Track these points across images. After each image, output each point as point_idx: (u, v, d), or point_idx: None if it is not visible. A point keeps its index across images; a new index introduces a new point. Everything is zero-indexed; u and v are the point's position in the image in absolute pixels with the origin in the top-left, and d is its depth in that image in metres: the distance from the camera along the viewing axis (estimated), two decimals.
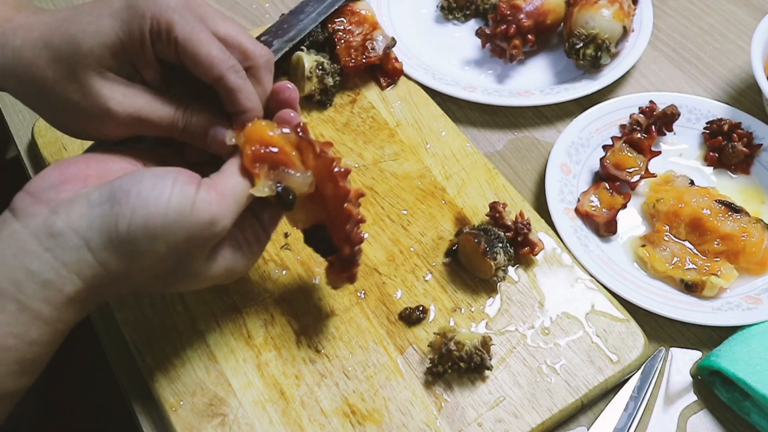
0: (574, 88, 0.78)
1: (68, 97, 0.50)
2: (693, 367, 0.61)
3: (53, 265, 0.44)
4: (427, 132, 0.73)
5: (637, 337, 0.59)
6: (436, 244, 0.65)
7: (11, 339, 0.43)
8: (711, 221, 0.65)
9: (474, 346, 0.55)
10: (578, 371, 0.57)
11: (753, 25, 0.80)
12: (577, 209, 0.68)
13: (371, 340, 0.59)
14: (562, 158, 0.71)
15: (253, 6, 0.89)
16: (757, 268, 0.65)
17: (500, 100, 0.77)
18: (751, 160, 0.73)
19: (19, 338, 0.44)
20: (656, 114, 0.74)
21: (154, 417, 0.57)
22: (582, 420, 0.58)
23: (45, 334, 0.45)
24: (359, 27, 0.77)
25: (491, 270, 0.60)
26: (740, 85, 0.82)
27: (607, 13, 0.77)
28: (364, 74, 0.77)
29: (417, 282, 0.62)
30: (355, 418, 0.55)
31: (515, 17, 0.78)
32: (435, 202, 0.68)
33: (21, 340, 0.44)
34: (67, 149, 0.70)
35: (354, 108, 0.75)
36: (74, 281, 0.45)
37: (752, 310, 0.62)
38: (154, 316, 0.59)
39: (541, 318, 0.60)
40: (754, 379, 0.55)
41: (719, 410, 0.59)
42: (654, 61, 0.84)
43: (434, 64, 0.82)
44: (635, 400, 0.58)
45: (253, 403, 0.55)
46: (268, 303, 0.61)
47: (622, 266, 0.65)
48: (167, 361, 0.57)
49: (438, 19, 0.88)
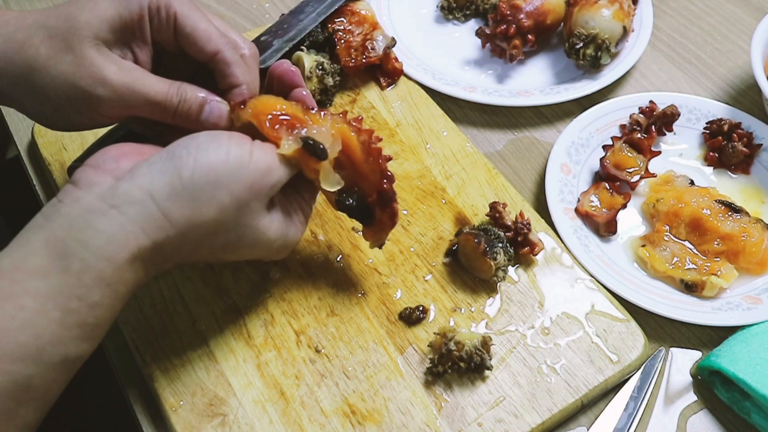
0: (574, 88, 0.78)
1: (62, 69, 0.50)
2: (693, 367, 0.61)
3: (119, 220, 0.45)
4: (427, 132, 0.73)
5: (637, 337, 0.59)
6: (436, 244, 0.65)
7: (74, 301, 0.44)
8: (711, 221, 0.65)
9: (474, 346, 0.55)
10: (578, 371, 0.57)
11: (753, 25, 0.80)
12: (577, 209, 0.68)
13: (371, 340, 0.59)
14: (562, 158, 0.71)
15: (253, 6, 0.89)
16: (757, 268, 0.65)
17: (500, 100, 0.77)
18: (751, 160, 0.73)
19: (82, 300, 0.44)
20: (656, 114, 0.74)
21: (154, 417, 0.57)
22: (582, 420, 0.58)
23: (106, 296, 0.45)
24: (359, 27, 0.77)
25: (491, 270, 0.60)
26: (740, 85, 0.82)
27: (607, 13, 0.77)
28: (364, 74, 0.77)
29: (417, 282, 0.62)
30: (355, 418, 0.55)
31: (515, 17, 0.78)
32: (435, 202, 0.68)
33: (83, 302, 0.44)
34: (67, 149, 0.70)
35: (354, 108, 0.75)
36: (138, 236, 0.45)
37: (752, 310, 0.62)
38: (154, 316, 0.59)
39: (541, 318, 0.60)
40: (754, 379, 0.55)
41: (719, 410, 0.59)
42: (654, 61, 0.84)
43: (434, 64, 0.82)
44: (635, 400, 0.58)
45: (253, 403, 0.55)
46: (268, 303, 0.61)
47: (622, 266, 0.65)
48: (167, 361, 0.57)
49: (438, 19, 0.88)
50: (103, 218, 0.45)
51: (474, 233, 0.61)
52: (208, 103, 0.53)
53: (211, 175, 0.47)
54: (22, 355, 0.42)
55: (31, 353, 0.42)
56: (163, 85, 0.52)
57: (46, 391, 0.44)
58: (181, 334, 0.58)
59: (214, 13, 0.87)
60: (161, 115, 0.53)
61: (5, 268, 0.44)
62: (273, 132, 0.51)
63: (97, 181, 0.47)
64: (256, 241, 0.52)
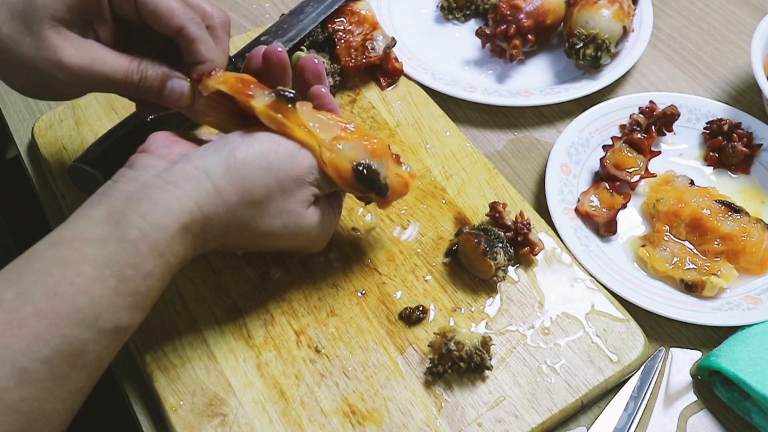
0: (574, 88, 0.78)
1: (23, 51, 0.52)
2: (693, 367, 0.61)
3: (175, 194, 0.48)
4: (427, 132, 0.73)
5: (637, 337, 0.59)
6: (436, 244, 0.65)
7: (129, 269, 0.45)
8: (711, 221, 0.65)
9: (474, 346, 0.55)
10: (578, 371, 0.57)
11: (753, 25, 0.80)
12: (577, 209, 0.68)
13: (371, 340, 0.59)
14: (562, 158, 0.71)
15: (253, 6, 0.89)
16: (757, 268, 0.65)
17: (500, 100, 0.77)
18: (751, 160, 0.73)
19: (136, 269, 0.46)
20: (656, 114, 0.74)
21: (154, 417, 0.57)
22: (582, 420, 0.58)
23: (158, 266, 0.47)
24: (359, 27, 0.77)
25: (491, 270, 0.60)
26: (740, 85, 0.82)
27: (607, 13, 0.77)
28: (364, 74, 0.77)
29: (417, 282, 0.62)
30: (355, 418, 0.55)
31: (515, 17, 0.78)
32: (435, 202, 0.68)
33: (138, 271, 0.46)
34: (67, 149, 0.70)
35: (354, 108, 0.75)
36: (192, 209, 0.48)
37: (752, 310, 0.62)
38: (154, 316, 0.59)
39: (541, 318, 0.60)
40: (754, 379, 0.55)
41: (719, 410, 0.59)
42: (654, 61, 0.84)
43: (434, 64, 0.82)
44: (635, 400, 0.58)
45: (253, 403, 0.55)
46: (268, 303, 0.61)
47: (622, 266, 0.65)
48: (167, 361, 0.57)
49: (438, 19, 0.88)
50: (160, 191, 0.48)
51: (474, 233, 0.61)
52: (170, 80, 0.55)
53: (263, 160, 0.51)
54: (78, 320, 0.43)
55: (87, 318, 0.44)
56: (122, 63, 0.53)
57: (98, 357, 0.45)
58: (181, 334, 0.58)
59: None
60: (125, 92, 0.55)
61: (65, 237, 0.46)
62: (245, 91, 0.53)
63: (152, 164, 0.50)
64: (298, 229, 0.54)
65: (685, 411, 0.59)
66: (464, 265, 0.63)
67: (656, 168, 0.72)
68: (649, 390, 0.59)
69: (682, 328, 0.63)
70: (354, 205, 0.67)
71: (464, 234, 0.62)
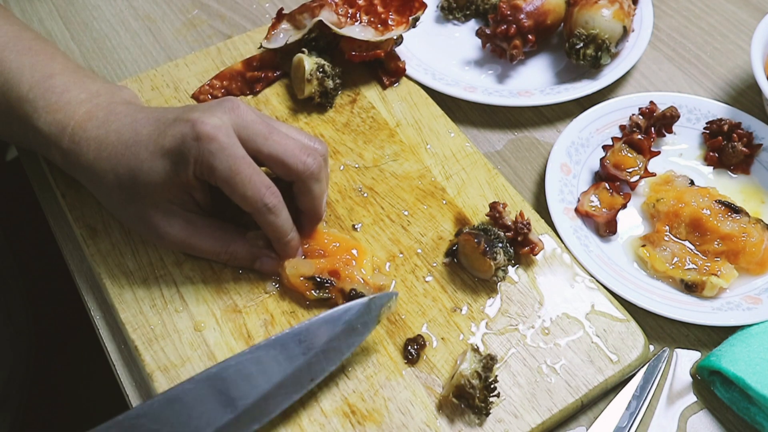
0: (574, 88, 0.78)
1: (128, 217, 0.61)
2: (693, 367, 0.61)
3: None
4: (427, 132, 0.73)
5: (637, 337, 0.59)
6: (436, 244, 0.65)
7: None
8: (711, 221, 0.65)
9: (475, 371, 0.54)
10: (578, 371, 0.57)
11: (753, 25, 0.80)
12: (577, 209, 0.68)
13: (371, 340, 0.59)
14: (562, 158, 0.71)
15: (253, 6, 0.89)
16: (757, 268, 0.65)
17: (500, 100, 0.77)
18: (751, 160, 0.73)
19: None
20: (656, 115, 0.74)
21: None
22: (582, 420, 0.58)
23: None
24: None
25: (491, 270, 0.60)
26: (740, 85, 0.82)
27: (607, 13, 0.77)
28: (364, 74, 0.77)
29: (417, 282, 0.62)
30: (355, 418, 0.55)
31: (515, 17, 0.78)
32: (435, 202, 0.68)
33: None
34: None
35: (354, 108, 0.75)
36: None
37: (752, 310, 0.62)
38: (154, 316, 0.59)
39: (541, 318, 0.60)
40: (754, 379, 0.55)
41: (719, 410, 0.59)
42: (654, 61, 0.84)
43: (434, 64, 0.82)
44: (638, 399, 0.58)
45: None
46: (268, 303, 0.61)
47: (622, 266, 0.65)
48: (167, 361, 0.57)
49: (438, 19, 0.88)
50: None
51: (474, 233, 0.61)
52: (258, 260, 0.61)
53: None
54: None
55: None
56: (211, 244, 0.60)
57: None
58: (180, 334, 0.59)
59: (214, 13, 0.87)
60: None
61: None
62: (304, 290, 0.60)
63: None
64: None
65: (686, 411, 0.59)
66: (464, 265, 0.63)
67: (656, 168, 0.72)
68: (652, 389, 0.59)
69: (682, 328, 0.63)
70: (354, 205, 0.67)
71: (464, 234, 0.62)
